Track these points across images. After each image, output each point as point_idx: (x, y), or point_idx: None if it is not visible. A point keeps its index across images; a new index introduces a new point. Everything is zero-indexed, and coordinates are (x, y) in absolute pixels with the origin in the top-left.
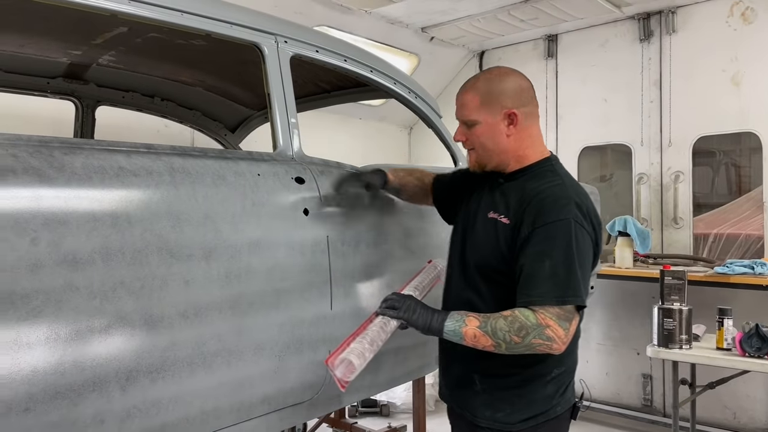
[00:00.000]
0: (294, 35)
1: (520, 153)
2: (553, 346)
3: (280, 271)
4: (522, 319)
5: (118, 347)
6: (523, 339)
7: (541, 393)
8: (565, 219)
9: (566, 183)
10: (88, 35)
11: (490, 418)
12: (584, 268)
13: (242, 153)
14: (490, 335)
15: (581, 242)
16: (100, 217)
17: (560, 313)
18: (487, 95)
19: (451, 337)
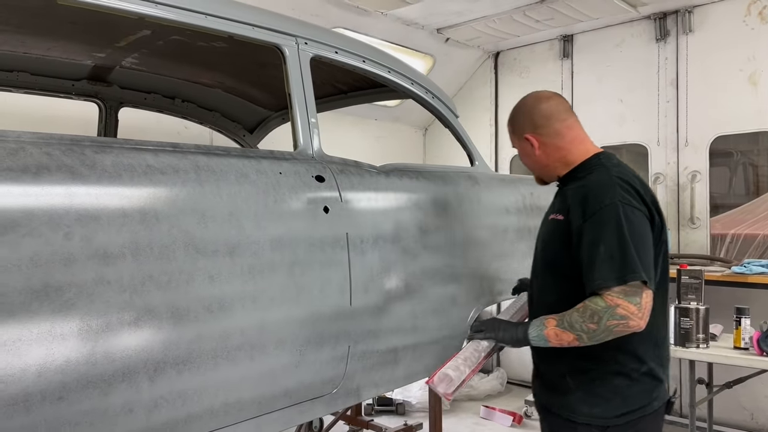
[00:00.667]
0: (314, 36)
1: (562, 161)
2: (630, 323)
3: (300, 267)
4: (592, 306)
5: (146, 339)
6: (598, 324)
7: (636, 388)
8: (611, 203)
9: (611, 170)
10: (112, 38)
11: (588, 414)
12: (641, 245)
13: (264, 152)
14: (569, 330)
15: (633, 221)
16: (130, 213)
17: (626, 290)
18: (512, 127)
19: (538, 343)
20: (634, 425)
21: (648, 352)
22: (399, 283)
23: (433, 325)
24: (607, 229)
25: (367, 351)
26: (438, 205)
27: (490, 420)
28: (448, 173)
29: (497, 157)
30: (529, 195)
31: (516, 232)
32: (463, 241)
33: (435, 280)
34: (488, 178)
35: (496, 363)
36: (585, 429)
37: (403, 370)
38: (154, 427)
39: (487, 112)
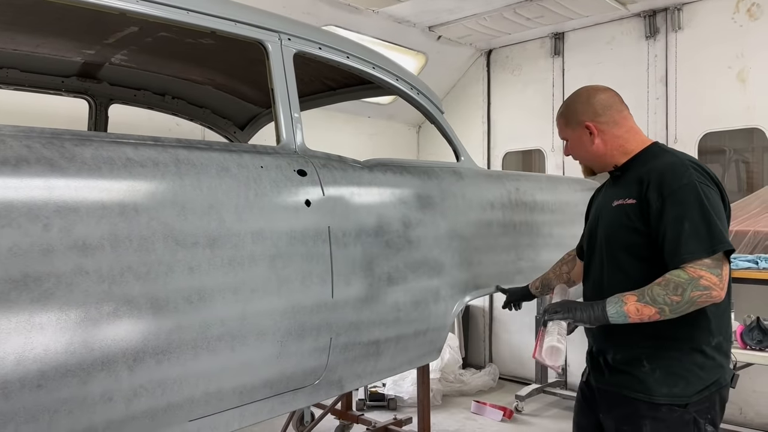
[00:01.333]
0: (297, 32)
1: (620, 150)
2: (712, 294)
3: (282, 260)
4: (675, 279)
5: (125, 329)
6: (682, 296)
7: (709, 363)
8: (689, 182)
9: (678, 155)
10: (101, 35)
11: (668, 393)
12: (721, 220)
13: (246, 146)
14: (651, 304)
15: (711, 198)
16: (109, 205)
17: (709, 263)
18: (567, 116)
19: (617, 319)
20: (709, 399)
21: (718, 325)
22: (381, 276)
23: (415, 317)
24: (689, 207)
25: (349, 343)
26: (422, 199)
27: (480, 415)
28: (432, 168)
29: (490, 154)
30: (515, 191)
31: (501, 226)
32: (447, 236)
33: (418, 274)
34: (473, 173)
35: (488, 359)
36: (667, 409)
37: (386, 362)
38: (133, 416)
39: (479, 109)
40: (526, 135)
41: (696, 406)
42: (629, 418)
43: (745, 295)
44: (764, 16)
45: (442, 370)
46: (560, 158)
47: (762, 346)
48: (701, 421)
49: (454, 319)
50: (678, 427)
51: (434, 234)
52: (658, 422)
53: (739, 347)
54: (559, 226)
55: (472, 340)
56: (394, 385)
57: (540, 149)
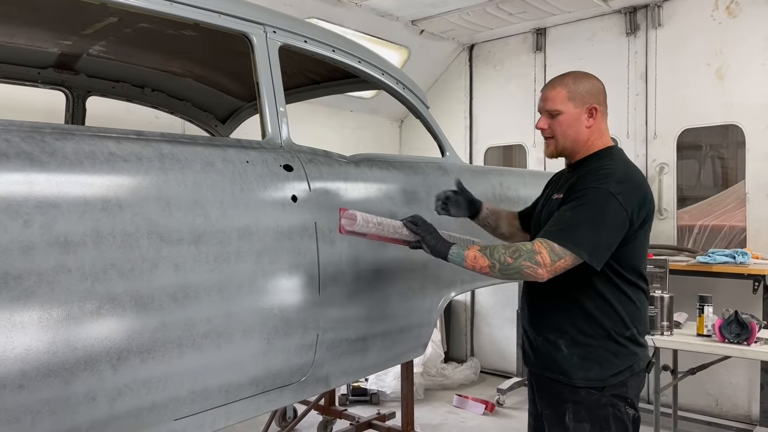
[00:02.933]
0: (283, 25)
1: (590, 143)
2: (538, 270)
3: (268, 256)
4: (520, 246)
5: (109, 327)
6: (515, 260)
7: (623, 351)
8: (601, 188)
9: (616, 164)
10: (79, 25)
11: (584, 377)
12: (600, 231)
13: (231, 140)
14: (488, 256)
15: (609, 210)
16: (91, 201)
17: (555, 247)
18: (574, 91)
19: (454, 259)
20: (625, 383)
21: (633, 320)
22: (368, 272)
23: (402, 313)
24: (583, 203)
25: (335, 339)
26: (408, 194)
27: (463, 408)
28: (418, 163)
29: (472, 149)
30: (499, 185)
31: None
32: None
33: (404, 269)
34: (458, 168)
35: (470, 353)
36: (585, 392)
37: (373, 358)
38: (117, 416)
39: (461, 104)
40: (507, 130)
41: (612, 390)
42: (553, 401)
43: (722, 289)
44: (743, 13)
45: (424, 364)
46: (542, 153)
47: (740, 339)
48: (620, 404)
49: (439, 314)
50: (596, 409)
51: None
52: (578, 405)
53: (717, 340)
54: None
55: (454, 334)
56: (376, 379)
57: (521, 144)
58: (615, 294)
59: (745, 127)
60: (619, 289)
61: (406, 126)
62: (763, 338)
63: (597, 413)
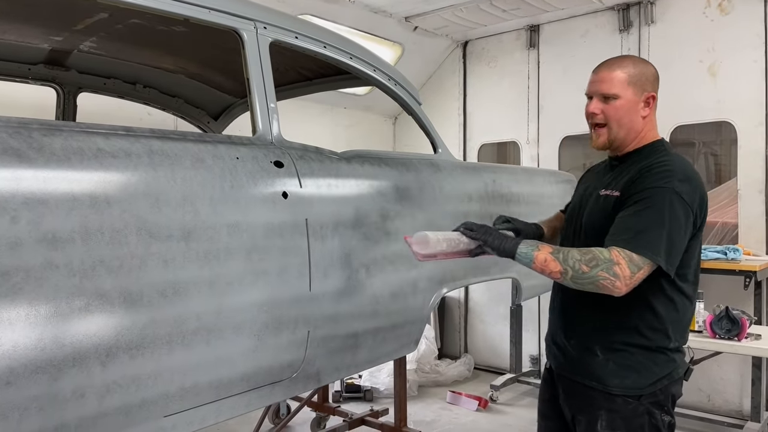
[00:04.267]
0: (273, 21)
1: (642, 134)
2: (616, 283)
3: (258, 253)
4: (596, 253)
5: (97, 324)
6: (591, 269)
7: (662, 358)
8: (665, 187)
9: (674, 160)
10: (69, 21)
11: (620, 385)
12: (672, 234)
13: (221, 137)
14: (561, 261)
15: (676, 210)
16: (79, 197)
17: (633, 257)
18: (634, 75)
19: (522, 260)
20: (663, 392)
21: (676, 333)
22: (360, 268)
23: (393, 309)
24: (650, 205)
25: (327, 336)
26: (400, 191)
27: (456, 405)
28: (410, 160)
29: (465, 146)
30: (492, 182)
31: (478, 218)
32: (424, 227)
33: (396, 266)
34: (451, 165)
35: (463, 350)
36: (622, 400)
37: (364, 355)
38: (106, 413)
39: (455, 101)
40: (501, 127)
41: (649, 398)
42: (585, 407)
43: (714, 285)
44: (735, 11)
45: (418, 360)
46: (535, 150)
47: (731, 335)
48: (656, 411)
49: (432, 311)
50: (632, 418)
51: (412, 226)
52: (613, 413)
53: (708, 336)
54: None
55: (448, 331)
56: (370, 376)
57: (515, 141)
58: (661, 302)
59: (737, 124)
60: (667, 297)
61: (400, 123)
62: (753, 334)
63: (632, 422)
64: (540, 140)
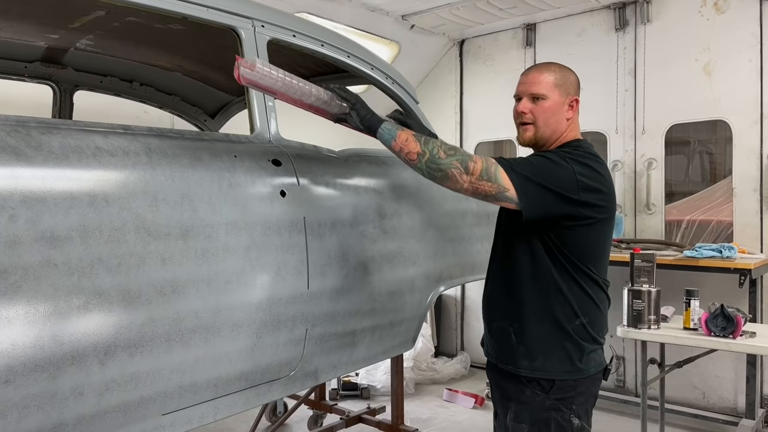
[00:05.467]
0: (271, 20)
1: (563, 135)
2: (463, 176)
3: (257, 251)
4: (460, 148)
5: (96, 322)
6: (448, 157)
7: (574, 348)
8: (557, 155)
9: (581, 153)
10: (66, 19)
11: (529, 367)
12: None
13: (219, 135)
14: (422, 144)
15: (559, 172)
16: (78, 195)
17: (491, 169)
18: (561, 79)
19: (384, 136)
20: (574, 388)
21: (592, 325)
22: (357, 266)
23: (391, 308)
24: (537, 159)
25: (324, 334)
26: (397, 189)
27: (452, 402)
28: None
29: (462, 145)
30: None
31: (475, 216)
32: (422, 226)
33: (393, 264)
34: None
35: (460, 347)
36: (530, 392)
37: (362, 353)
38: (105, 410)
39: (452, 99)
40: (498, 125)
41: (558, 393)
42: (501, 399)
43: (709, 283)
44: (730, 9)
45: (414, 358)
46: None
47: (725, 332)
48: (564, 410)
49: (429, 308)
50: (537, 412)
51: (409, 224)
52: (521, 405)
53: (704, 334)
54: None
55: (444, 328)
56: (367, 374)
57: (511, 140)
58: (575, 292)
59: (733, 123)
60: (580, 288)
61: None
62: (748, 332)
63: (537, 416)
64: None
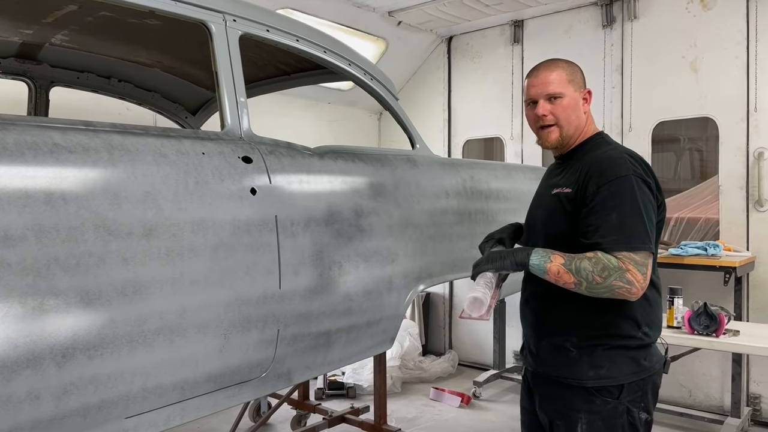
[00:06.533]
0: (243, 14)
1: (584, 130)
2: (632, 290)
3: (225, 250)
4: (605, 261)
5: (52, 324)
6: (604, 280)
7: (635, 350)
8: (625, 175)
9: (618, 147)
10: (39, 14)
11: (595, 377)
12: (649, 218)
13: (187, 131)
14: (574, 273)
15: (644, 194)
16: (33, 193)
17: (636, 259)
18: (571, 74)
19: (535, 270)
20: (641, 387)
21: (645, 317)
22: (332, 266)
23: (368, 307)
24: (621, 198)
25: (298, 334)
26: (374, 187)
27: (439, 401)
28: (386, 156)
29: (450, 142)
30: (470, 179)
31: (455, 215)
32: (400, 224)
33: (370, 263)
34: (428, 161)
35: (448, 346)
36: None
37: (338, 353)
38: (63, 415)
39: (440, 96)
40: (486, 123)
41: (628, 395)
42: (564, 411)
43: (694, 281)
44: (717, 6)
45: (402, 357)
46: (519, 146)
47: (709, 331)
48: (634, 410)
49: (407, 307)
50: (612, 419)
51: (387, 223)
52: (593, 414)
53: (687, 332)
54: (513, 214)
55: (432, 327)
56: (353, 373)
57: (500, 137)
58: None
59: (719, 120)
60: None
61: (385, 118)
62: (731, 330)
63: (612, 423)
64: (524, 136)
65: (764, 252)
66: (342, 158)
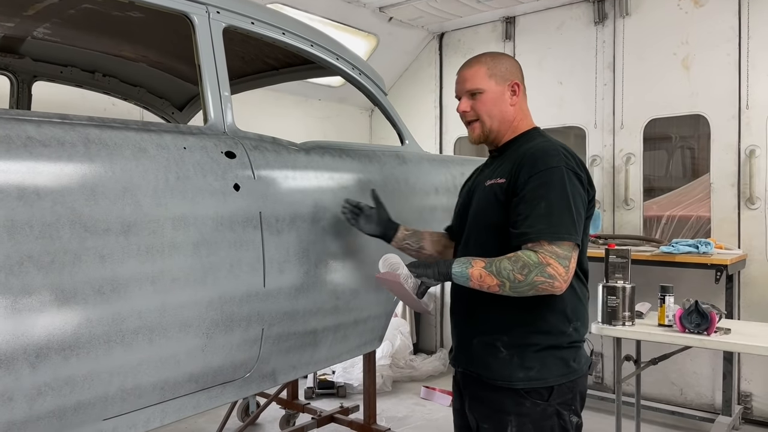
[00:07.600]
0: (227, 6)
1: (515, 123)
2: (555, 284)
3: (207, 247)
4: (525, 258)
5: (25, 323)
6: (526, 276)
7: (565, 350)
8: (557, 166)
9: (553, 140)
10: (20, 6)
11: (525, 378)
12: (578, 210)
13: (168, 126)
14: (495, 275)
15: (574, 186)
16: (5, 188)
17: (558, 252)
18: (493, 68)
19: (459, 279)
20: (570, 390)
21: (574, 312)
22: (318, 263)
23: (355, 305)
24: (550, 188)
25: (283, 333)
26: (362, 184)
27: (429, 400)
28: (374, 152)
29: (442, 139)
30: (460, 175)
31: (444, 211)
32: None
33: (358, 260)
34: (417, 157)
35: (439, 344)
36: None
37: (324, 352)
38: (38, 416)
39: (432, 93)
40: None
41: (558, 398)
42: (492, 413)
43: (685, 278)
44: (709, 3)
45: (392, 356)
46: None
47: (700, 329)
48: (564, 412)
49: (396, 305)
50: (542, 421)
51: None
52: (523, 417)
53: (678, 330)
54: None
55: (424, 325)
56: (343, 372)
57: None
58: None
59: (710, 117)
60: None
61: (377, 115)
62: (723, 328)
63: (542, 425)
64: None
65: (755, 250)
66: (329, 154)
